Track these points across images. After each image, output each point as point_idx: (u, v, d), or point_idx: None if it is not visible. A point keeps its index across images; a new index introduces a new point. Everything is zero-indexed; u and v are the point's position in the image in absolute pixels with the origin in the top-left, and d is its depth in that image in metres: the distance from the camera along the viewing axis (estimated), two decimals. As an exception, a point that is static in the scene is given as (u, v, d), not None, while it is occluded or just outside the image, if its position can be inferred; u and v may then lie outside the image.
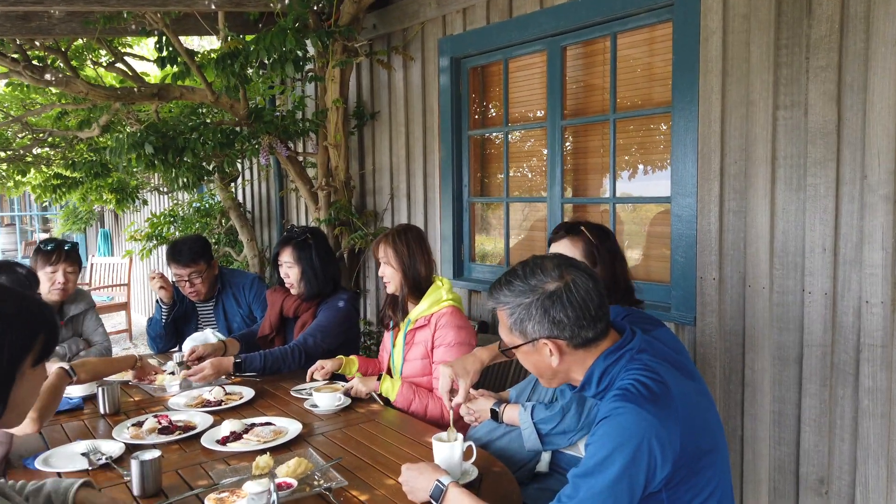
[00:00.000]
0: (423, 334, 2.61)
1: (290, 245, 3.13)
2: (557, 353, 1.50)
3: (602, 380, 1.53)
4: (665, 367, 1.50)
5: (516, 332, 1.53)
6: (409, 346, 2.67)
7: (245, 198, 6.05)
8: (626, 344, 1.54)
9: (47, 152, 5.52)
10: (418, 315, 2.62)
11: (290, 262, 3.12)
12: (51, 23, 3.81)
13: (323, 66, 4.06)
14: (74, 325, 3.30)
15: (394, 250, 2.66)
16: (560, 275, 1.50)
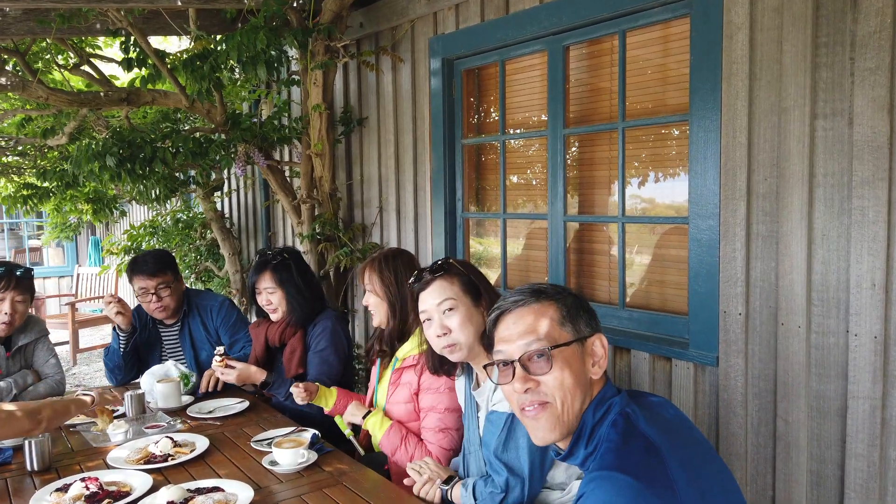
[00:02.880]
0: (409, 375, 2.28)
1: (267, 270, 2.82)
2: (605, 359, 1.33)
3: (592, 437, 1.25)
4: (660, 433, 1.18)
5: (567, 327, 1.33)
6: (393, 386, 2.34)
7: (230, 208, 5.73)
8: (612, 396, 1.29)
9: (17, 161, 5.20)
10: (405, 354, 2.30)
11: (271, 288, 2.81)
12: (5, 22, 3.49)
13: (304, 68, 3.73)
14: (24, 356, 2.97)
15: (379, 278, 2.36)
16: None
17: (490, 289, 1.96)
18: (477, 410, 1.95)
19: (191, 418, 2.61)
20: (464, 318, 1.89)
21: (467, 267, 1.97)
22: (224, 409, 2.70)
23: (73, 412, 2.23)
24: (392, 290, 2.34)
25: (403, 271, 2.34)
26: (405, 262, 2.40)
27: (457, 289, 1.90)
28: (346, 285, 4.16)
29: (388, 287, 2.34)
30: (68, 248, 11.43)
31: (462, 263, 1.98)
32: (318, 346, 2.83)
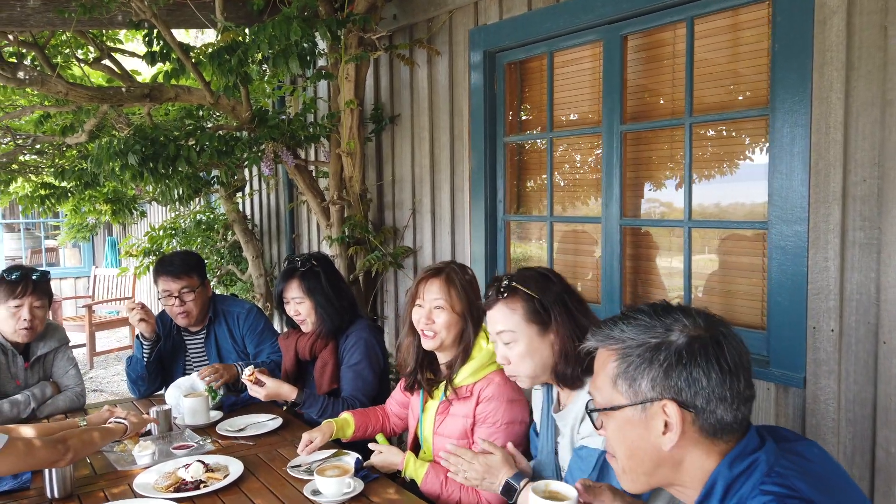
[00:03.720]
0: (462, 407, 2.05)
1: (294, 278, 2.63)
2: (679, 427, 1.03)
3: (727, 498, 1.02)
4: (821, 494, 0.96)
5: (622, 387, 1.09)
6: (442, 416, 2.11)
7: (252, 209, 5.55)
8: (755, 450, 1.05)
9: (35, 160, 5.04)
10: (460, 382, 2.05)
11: (299, 297, 2.62)
12: (24, 13, 3.32)
13: (336, 62, 3.54)
14: (44, 367, 2.79)
15: (461, 291, 2.07)
16: (708, 322, 1.10)
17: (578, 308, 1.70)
18: (556, 434, 1.74)
19: (221, 437, 2.42)
20: (524, 350, 1.69)
21: (544, 283, 1.71)
22: (256, 426, 2.51)
23: (104, 442, 2.05)
24: (474, 306, 2.05)
25: (474, 286, 2.11)
26: (469, 275, 2.15)
27: (518, 318, 1.69)
28: (376, 291, 3.96)
29: (471, 303, 2.06)
30: (85, 249, 11.33)
31: (539, 279, 1.71)
32: (351, 360, 2.64)
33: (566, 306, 1.68)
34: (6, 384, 2.63)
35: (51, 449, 1.80)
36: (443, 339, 2.07)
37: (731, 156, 2.44)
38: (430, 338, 2.08)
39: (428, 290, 2.08)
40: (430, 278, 2.10)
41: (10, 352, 2.63)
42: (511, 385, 2.00)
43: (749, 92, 2.33)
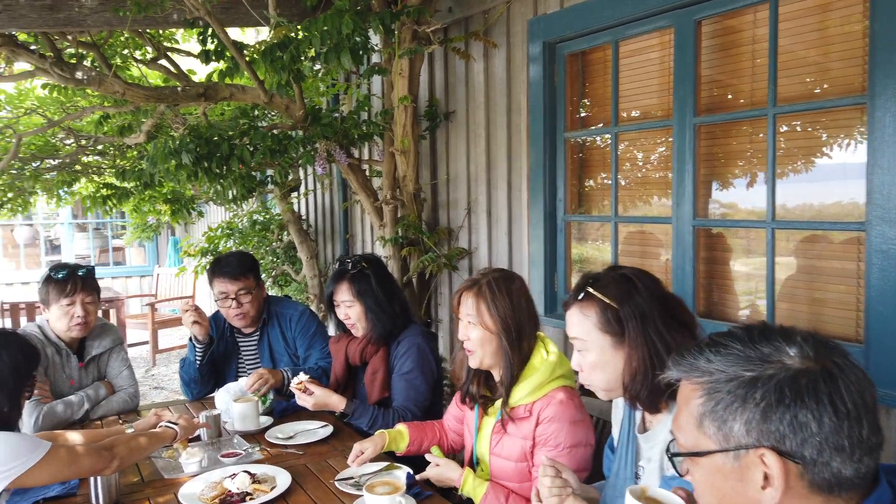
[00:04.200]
0: (520, 428, 1.89)
1: (344, 280, 2.53)
2: (782, 482, 0.85)
3: None
4: None
5: (710, 429, 0.91)
6: (498, 436, 1.95)
7: (307, 209, 5.52)
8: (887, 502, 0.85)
9: (97, 161, 5.14)
10: (517, 402, 1.89)
11: (348, 301, 2.52)
12: (81, 13, 3.34)
13: (389, 57, 3.44)
14: (97, 367, 2.78)
15: (493, 306, 1.90)
16: (816, 352, 0.89)
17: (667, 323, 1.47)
18: (637, 457, 1.57)
19: (270, 445, 2.34)
20: (595, 361, 1.51)
21: (625, 290, 1.49)
22: (306, 434, 2.42)
23: (152, 448, 2.00)
24: (510, 320, 1.88)
25: (518, 296, 1.92)
26: (518, 285, 1.96)
27: (590, 325, 1.50)
28: (430, 293, 3.85)
29: (506, 317, 1.89)
30: (149, 248, 11.65)
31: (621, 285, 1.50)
32: (403, 369, 2.52)
33: (647, 320, 1.46)
34: (61, 384, 2.63)
35: (95, 457, 1.74)
36: (481, 357, 1.92)
37: (820, 149, 2.21)
38: (470, 354, 1.95)
39: (463, 305, 1.95)
40: (462, 292, 1.96)
41: (64, 352, 2.63)
42: (574, 404, 1.84)
43: (842, 78, 2.10)
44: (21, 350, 1.71)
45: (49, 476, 1.64)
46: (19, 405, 1.71)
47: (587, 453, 1.83)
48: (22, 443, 1.60)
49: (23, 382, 1.71)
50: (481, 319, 1.91)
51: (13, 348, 1.69)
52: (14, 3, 3.22)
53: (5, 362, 1.65)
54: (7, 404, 1.65)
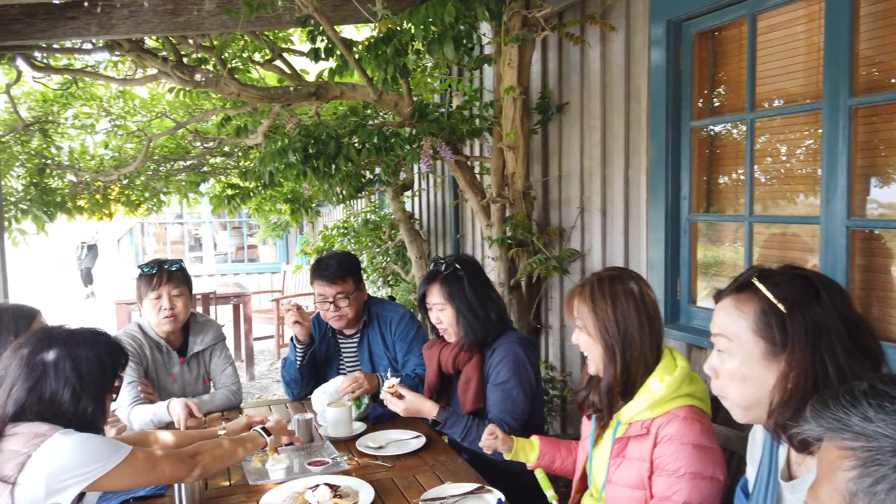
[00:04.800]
0: (638, 448, 1.66)
1: (436, 282, 2.39)
2: None
3: None
4: None
5: None
6: (616, 459, 1.73)
7: (419, 208, 5.46)
8: None
9: (224, 161, 5.36)
10: (632, 417, 1.68)
11: (440, 303, 2.38)
12: (200, 16, 3.44)
13: (498, 46, 3.25)
14: (200, 363, 2.82)
15: (592, 310, 1.74)
16: None
17: (848, 348, 1.17)
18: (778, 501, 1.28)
19: (360, 453, 2.24)
20: (736, 368, 1.24)
21: (802, 293, 1.20)
22: (398, 444, 2.29)
23: (239, 455, 1.94)
24: (609, 326, 1.71)
25: (626, 304, 1.72)
26: (628, 287, 1.75)
27: (742, 324, 1.22)
28: (540, 297, 3.62)
29: (605, 323, 1.72)
30: (279, 246, 12.22)
31: (799, 286, 1.21)
32: (498, 378, 2.33)
33: (822, 335, 1.16)
34: (163, 381, 2.69)
35: (176, 464, 1.70)
36: (596, 365, 1.75)
37: None
38: (587, 361, 1.78)
39: (573, 308, 1.80)
40: (570, 294, 1.81)
41: (164, 348, 2.68)
42: (701, 427, 1.59)
43: None
44: (108, 350, 1.68)
45: (127, 481, 1.60)
46: (104, 406, 1.68)
47: (713, 488, 1.55)
48: (101, 446, 1.56)
49: (108, 383, 1.68)
50: (584, 324, 1.75)
51: (99, 348, 1.66)
52: (139, 10, 3.37)
53: (91, 362, 1.63)
54: (91, 405, 1.62)
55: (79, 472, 1.50)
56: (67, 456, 1.50)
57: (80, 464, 1.51)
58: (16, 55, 3.63)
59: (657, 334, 1.74)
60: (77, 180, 4.91)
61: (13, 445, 1.50)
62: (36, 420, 1.55)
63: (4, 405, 1.56)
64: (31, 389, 1.56)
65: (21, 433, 1.52)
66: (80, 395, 1.59)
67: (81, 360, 1.61)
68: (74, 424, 1.58)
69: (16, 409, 1.55)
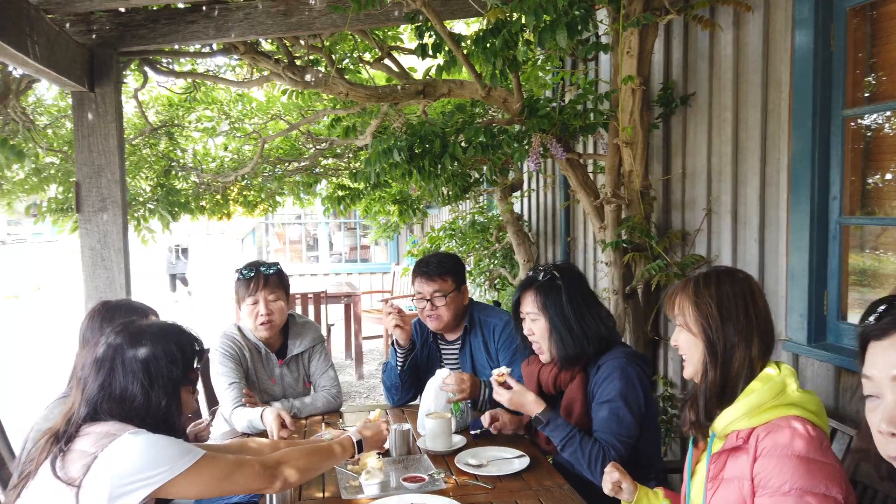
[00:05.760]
0: (737, 464, 1.46)
1: (531, 289, 2.20)
2: None
3: None
4: None
5: None
6: (713, 482, 1.51)
7: (529, 210, 5.26)
8: None
9: (335, 162, 5.43)
10: (728, 426, 1.49)
11: (534, 312, 2.19)
12: (311, 16, 3.45)
13: (616, 34, 3.00)
14: (299, 366, 2.79)
15: (695, 306, 1.58)
16: None
17: None
18: None
19: (458, 471, 2.09)
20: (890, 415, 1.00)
21: None
22: (499, 464, 2.13)
23: (328, 465, 1.86)
24: (713, 324, 1.55)
25: (733, 301, 1.55)
26: (738, 289, 1.58)
27: None
28: (658, 307, 3.32)
29: (708, 320, 1.56)
30: (390, 247, 12.41)
31: None
32: (604, 396, 2.11)
33: None
34: (263, 383, 2.67)
35: (255, 474, 1.60)
36: (693, 368, 1.60)
37: None
38: (685, 365, 1.63)
39: (675, 304, 1.66)
40: (672, 290, 1.68)
41: (263, 351, 2.66)
42: (810, 438, 1.38)
43: None
44: (177, 342, 1.61)
45: (197, 489, 1.50)
46: (179, 400, 1.60)
47: None
48: (169, 448, 1.48)
49: (181, 376, 1.60)
50: (685, 320, 1.60)
51: (168, 340, 1.59)
52: (253, 11, 3.43)
53: (160, 355, 1.56)
54: (164, 398, 1.55)
55: (144, 476, 1.42)
56: (134, 457, 1.43)
57: (145, 466, 1.43)
58: (141, 61, 3.80)
59: (766, 342, 1.57)
60: (199, 181, 5.13)
61: (83, 446, 1.45)
62: (111, 419, 1.51)
63: (79, 405, 1.53)
64: (101, 387, 1.52)
65: (93, 433, 1.47)
66: (151, 390, 1.53)
67: (149, 353, 1.55)
68: (150, 421, 1.52)
69: (89, 409, 1.51)
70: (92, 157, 3.22)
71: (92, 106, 3.22)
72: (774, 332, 1.60)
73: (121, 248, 3.27)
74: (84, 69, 3.11)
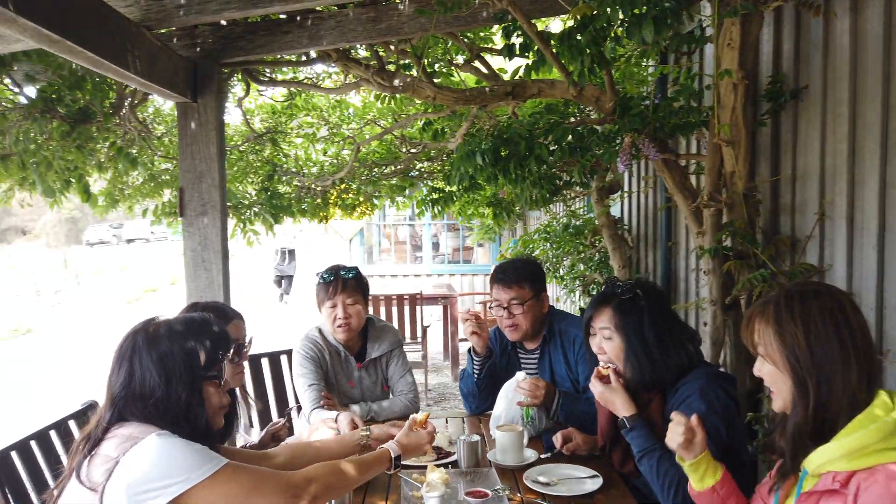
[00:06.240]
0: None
1: (608, 306, 2.05)
2: None
3: None
4: None
5: None
6: None
7: (628, 212, 5.03)
8: None
9: (430, 165, 5.45)
10: (823, 466, 1.32)
11: (608, 329, 2.05)
12: (400, 21, 3.46)
13: (720, 25, 2.79)
14: (377, 369, 2.80)
15: (777, 333, 1.41)
16: None
17: None
18: None
19: (526, 489, 2.01)
20: None
21: None
22: (570, 483, 2.02)
23: (361, 480, 1.76)
24: (801, 354, 1.37)
25: (823, 325, 1.36)
26: (828, 309, 1.38)
27: None
28: (765, 319, 3.05)
29: (794, 350, 1.38)
30: (493, 249, 12.36)
31: None
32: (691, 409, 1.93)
33: None
34: (342, 386, 2.70)
35: (281, 489, 1.52)
36: (783, 401, 1.44)
37: None
38: (772, 396, 1.48)
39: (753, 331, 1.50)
40: (749, 314, 1.52)
41: (342, 353, 2.69)
42: None
43: None
44: (197, 336, 1.56)
45: (219, 501, 1.43)
46: (202, 394, 1.54)
47: None
48: (186, 455, 1.43)
49: (201, 370, 1.55)
50: (767, 351, 1.43)
51: (187, 335, 1.55)
52: (344, 19, 3.49)
53: (175, 350, 1.52)
54: (185, 393, 1.50)
55: (160, 484, 1.38)
56: (149, 464, 1.39)
57: (161, 474, 1.39)
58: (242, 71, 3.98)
59: (867, 368, 1.36)
60: (301, 185, 5.32)
61: (106, 450, 1.43)
62: (136, 420, 1.49)
63: (107, 407, 1.52)
64: (123, 386, 1.51)
65: (119, 435, 1.45)
66: (169, 385, 1.49)
67: (166, 348, 1.52)
68: (170, 417, 1.49)
69: (115, 410, 1.50)
70: (194, 164, 3.40)
71: (195, 115, 3.39)
72: (875, 356, 1.40)
73: (219, 250, 3.43)
74: (187, 81, 3.29)
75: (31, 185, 3.87)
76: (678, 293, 4.19)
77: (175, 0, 2.77)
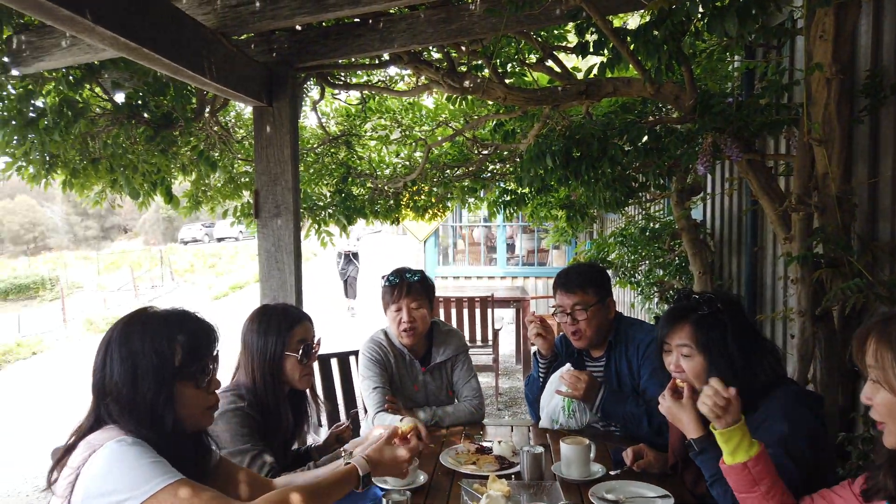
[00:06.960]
0: None
1: (687, 322, 1.92)
2: None
3: None
4: None
5: None
6: None
7: (711, 215, 4.79)
8: None
9: (502, 167, 5.38)
10: None
11: (688, 346, 1.91)
12: (471, 21, 3.43)
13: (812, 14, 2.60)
14: (442, 374, 2.77)
15: (893, 358, 1.30)
16: None
17: None
18: None
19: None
20: None
21: None
22: (639, 502, 1.92)
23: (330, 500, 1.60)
24: None
25: None
26: None
27: None
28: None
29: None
30: (568, 252, 12.14)
31: None
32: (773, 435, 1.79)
33: None
34: (407, 389, 2.68)
35: None
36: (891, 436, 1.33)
37: None
38: (881, 428, 1.37)
39: (868, 353, 1.38)
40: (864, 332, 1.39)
41: (406, 357, 2.67)
42: None
43: None
44: (171, 332, 1.47)
45: None
46: (170, 394, 1.45)
47: None
48: (136, 469, 1.32)
49: (174, 368, 1.46)
50: (884, 376, 1.32)
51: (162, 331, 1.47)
52: (415, 21, 3.48)
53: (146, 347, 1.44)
54: (152, 388, 1.42)
55: (107, 501, 1.30)
56: (100, 476, 1.31)
57: (111, 489, 1.31)
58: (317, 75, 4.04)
59: None
60: (374, 187, 5.37)
61: (73, 460, 1.37)
62: (111, 422, 1.42)
63: (88, 412, 1.46)
64: (97, 384, 1.46)
65: (85, 443, 1.38)
66: (136, 382, 1.42)
67: (135, 345, 1.44)
68: (136, 415, 1.41)
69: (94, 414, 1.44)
70: (269, 167, 3.48)
71: (270, 119, 3.47)
72: None
73: (292, 251, 3.49)
74: (262, 86, 3.36)
75: (119, 188, 4.07)
76: (763, 302, 3.95)
77: (249, 6, 2.83)
